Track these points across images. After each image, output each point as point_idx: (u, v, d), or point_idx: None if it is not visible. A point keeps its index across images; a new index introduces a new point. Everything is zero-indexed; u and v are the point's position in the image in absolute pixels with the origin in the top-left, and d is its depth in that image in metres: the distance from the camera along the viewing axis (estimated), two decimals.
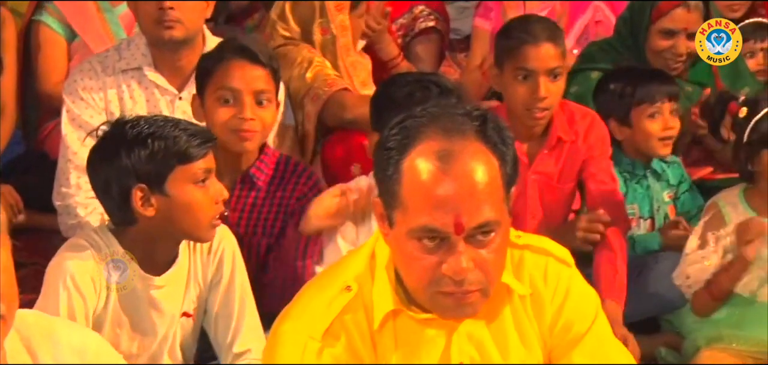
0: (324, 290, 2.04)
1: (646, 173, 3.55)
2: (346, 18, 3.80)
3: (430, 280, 1.91)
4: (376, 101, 3.10)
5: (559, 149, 3.36)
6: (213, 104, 3.05)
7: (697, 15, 3.66)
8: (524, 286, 2.06)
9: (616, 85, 3.51)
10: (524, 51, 3.23)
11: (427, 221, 1.87)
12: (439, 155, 1.88)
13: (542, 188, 3.38)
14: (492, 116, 1.95)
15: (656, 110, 3.48)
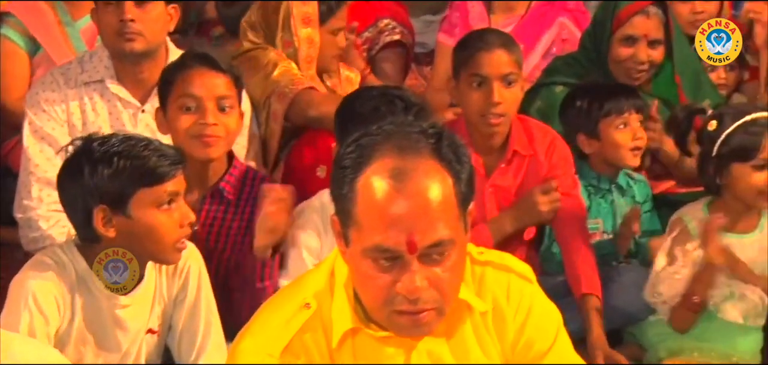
0: (283, 307, 2.03)
1: (611, 188, 3.56)
2: (315, 32, 3.79)
3: (384, 299, 1.91)
4: (340, 115, 3.10)
5: (516, 162, 3.38)
6: (175, 112, 3.04)
7: (656, 22, 3.69)
8: (485, 303, 2.06)
9: (583, 101, 3.53)
10: (478, 57, 3.27)
11: (381, 240, 1.87)
12: (393, 173, 1.87)
13: (500, 201, 3.40)
14: (448, 133, 1.94)
15: (624, 121, 3.49)
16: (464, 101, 3.34)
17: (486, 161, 3.38)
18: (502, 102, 3.25)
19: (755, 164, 3.08)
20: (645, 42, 3.68)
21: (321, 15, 3.78)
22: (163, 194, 2.59)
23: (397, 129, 1.93)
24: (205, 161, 3.06)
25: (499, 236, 3.35)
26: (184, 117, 3.03)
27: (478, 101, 3.28)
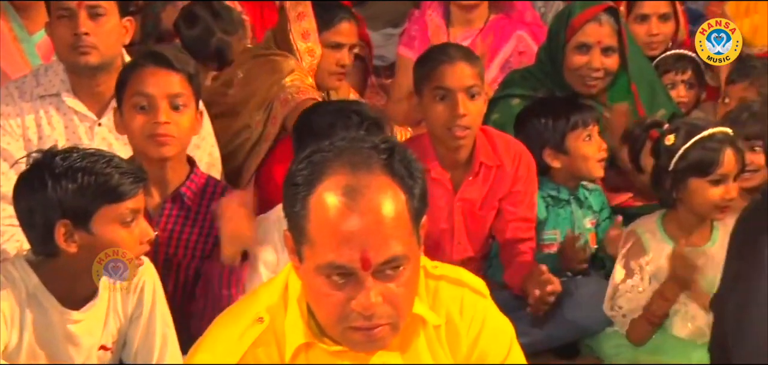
0: (236, 321, 2.03)
1: (570, 199, 3.58)
2: (316, 45, 3.80)
3: (339, 315, 1.91)
4: (297, 131, 3.10)
5: (483, 174, 3.39)
6: (130, 112, 3.03)
7: (609, 29, 3.74)
8: (439, 317, 2.06)
9: (547, 116, 3.55)
10: (441, 71, 3.28)
11: (334, 257, 1.87)
12: (345, 190, 1.87)
13: (467, 214, 3.42)
14: (400, 148, 1.95)
15: (589, 133, 3.53)
16: (429, 115, 3.34)
17: (453, 176, 3.39)
18: (467, 114, 3.26)
19: (712, 179, 3.11)
20: (598, 49, 3.73)
21: (318, 25, 3.82)
22: (126, 212, 2.59)
23: (348, 145, 1.93)
24: (160, 160, 3.04)
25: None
26: (138, 116, 3.02)
27: (443, 114, 3.28)
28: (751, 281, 2.41)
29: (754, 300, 2.39)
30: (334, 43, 3.83)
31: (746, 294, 2.42)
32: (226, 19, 4.03)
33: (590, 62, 3.73)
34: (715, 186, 3.11)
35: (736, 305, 2.45)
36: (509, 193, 3.42)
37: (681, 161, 3.14)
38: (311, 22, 3.79)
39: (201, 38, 3.98)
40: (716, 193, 3.11)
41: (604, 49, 3.73)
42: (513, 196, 3.42)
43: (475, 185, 3.39)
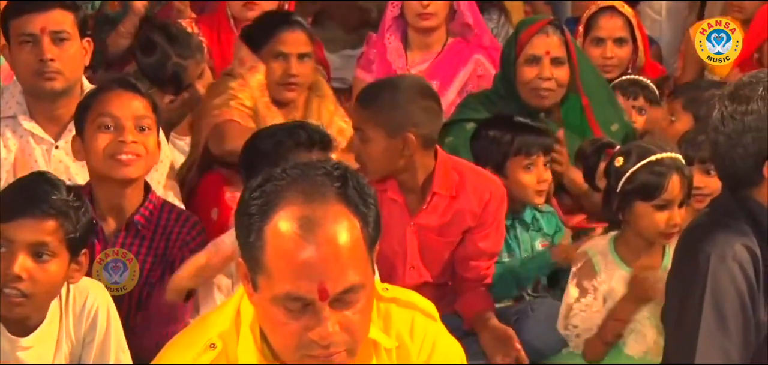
0: (188, 347, 2.02)
1: (514, 223, 3.60)
2: (263, 78, 3.78)
3: (296, 345, 1.91)
4: (245, 158, 3.11)
5: (437, 203, 3.40)
6: (92, 133, 3.03)
7: (556, 40, 3.81)
8: (391, 340, 2.07)
9: (495, 133, 3.58)
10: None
11: (292, 288, 1.87)
12: (301, 221, 1.87)
13: (422, 241, 3.42)
14: (353, 174, 1.95)
15: (532, 162, 3.56)
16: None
17: (409, 200, 3.41)
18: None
19: (657, 204, 3.13)
20: (548, 60, 3.79)
21: (262, 38, 3.79)
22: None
23: (301, 172, 1.93)
24: (122, 183, 3.04)
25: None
26: (102, 136, 3.01)
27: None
28: (687, 294, 2.45)
29: (689, 312, 2.43)
30: (277, 52, 3.74)
31: (682, 306, 2.46)
32: (182, 44, 4.04)
33: (541, 73, 3.79)
34: (660, 211, 3.13)
35: (675, 319, 2.49)
36: (476, 226, 3.43)
37: (628, 183, 3.15)
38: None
39: (157, 63, 3.99)
40: (661, 218, 3.12)
41: (553, 59, 3.79)
42: (480, 230, 3.44)
43: (429, 212, 3.41)
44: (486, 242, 3.45)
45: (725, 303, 2.40)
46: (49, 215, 2.58)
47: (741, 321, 2.41)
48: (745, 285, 2.41)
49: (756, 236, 2.45)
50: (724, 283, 2.39)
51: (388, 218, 3.32)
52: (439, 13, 4.24)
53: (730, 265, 2.41)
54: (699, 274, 2.42)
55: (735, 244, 2.42)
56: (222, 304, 2.13)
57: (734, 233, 2.44)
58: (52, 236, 2.59)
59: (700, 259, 2.43)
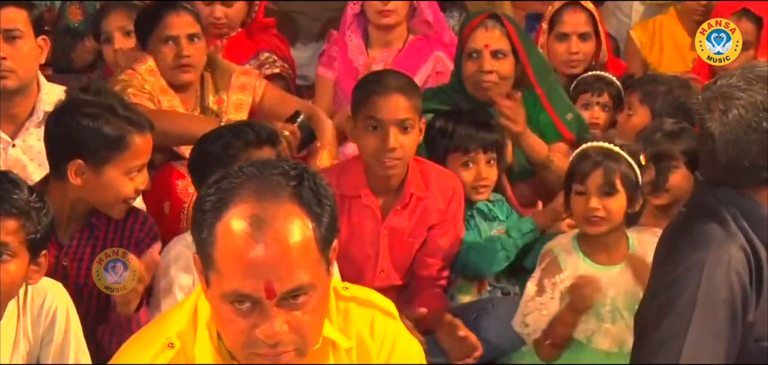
0: (147, 347, 2.02)
1: (473, 213, 3.61)
2: (152, 64, 3.77)
3: (244, 343, 1.91)
4: (194, 163, 3.09)
5: (412, 205, 3.41)
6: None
7: (496, 34, 3.83)
8: (349, 339, 2.07)
9: (441, 126, 3.60)
10: (374, 101, 3.29)
11: (239, 286, 1.87)
12: (252, 219, 1.87)
13: (392, 242, 3.43)
14: (310, 175, 1.94)
15: (470, 159, 3.57)
16: (360, 142, 3.36)
17: (383, 203, 3.41)
18: (398, 147, 3.28)
19: (578, 190, 3.14)
20: (488, 53, 3.81)
21: (149, 27, 3.79)
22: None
23: (257, 171, 1.93)
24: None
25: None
26: None
27: (373, 143, 3.30)
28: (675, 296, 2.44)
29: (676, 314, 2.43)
30: (166, 37, 3.72)
31: (668, 308, 2.46)
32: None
33: (481, 66, 3.81)
34: (580, 196, 3.13)
35: (658, 320, 2.48)
36: (438, 224, 3.45)
37: (568, 174, 3.19)
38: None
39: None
40: (580, 203, 3.13)
41: (494, 52, 3.81)
42: (441, 227, 3.46)
43: (403, 214, 3.42)
44: (445, 239, 3.47)
45: (718, 308, 2.38)
46: (11, 215, 2.56)
47: (731, 326, 2.40)
48: (739, 289, 2.39)
49: (747, 236, 2.42)
50: (719, 287, 2.37)
51: (361, 224, 3.35)
52: (399, 10, 4.25)
53: (725, 270, 2.38)
54: (691, 277, 2.40)
55: (731, 248, 2.40)
56: (180, 303, 2.14)
57: (729, 236, 2.41)
58: (13, 236, 2.56)
59: (692, 262, 2.41)
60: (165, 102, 3.68)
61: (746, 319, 2.41)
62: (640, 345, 2.54)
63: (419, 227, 3.44)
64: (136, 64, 3.72)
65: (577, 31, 4.31)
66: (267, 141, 3.05)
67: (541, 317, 3.16)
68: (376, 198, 3.40)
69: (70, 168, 2.96)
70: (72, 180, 2.96)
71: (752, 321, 2.42)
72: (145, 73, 3.69)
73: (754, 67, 2.42)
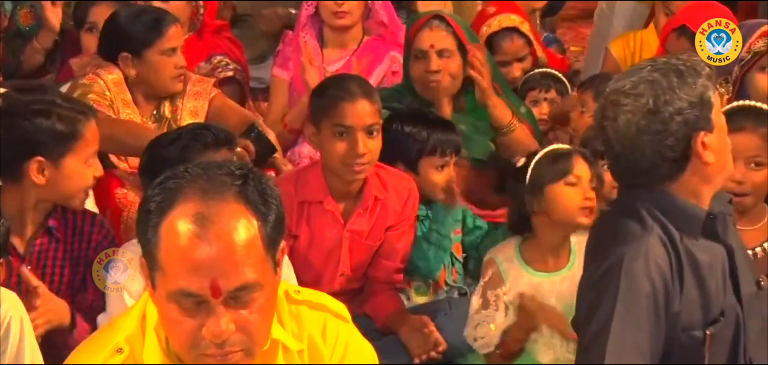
0: (95, 352, 2.00)
1: (427, 213, 3.61)
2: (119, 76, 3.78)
3: (191, 343, 1.90)
4: (148, 167, 3.06)
5: (372, 208, 3.41)
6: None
7: (442, 33, 3.87)
8: (300, 342, 2.06)
9: (410, 130, 3.59)
10: (341, 108, 3.28)
11: (184, 285, 1.86)
12: (196, 218, 1.87)
13: (353, 246, 3.43)
14: (255, 175, 1.94)
15: (444, 163, 3.58)
16: (326, 149, 3.33)
17: (343, 207, 3.41)
18: (367, 153, 3.28)
19: (568, 182, 3.14)
20: (433, 53, 3.84)
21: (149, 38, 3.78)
22: None
23: (202, 172, 1.92)
24: None
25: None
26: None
27: (341, 150, 3.28)
28: (599, 294, 2.45)
29: (602, 311, 2.44)
30: (168, 49, 3.75)
31: (595, 306, 2.47)
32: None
33: (427, 66, 3.84)
34: (573, 188, 3.14)
35: (586, 320, 2.50)
36: (395, 225, 3.45)
37: (534, 174, 3.17)
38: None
39: None
40: (576, 195, 3.14)
41: (440, 52, 3.84)
42: (397, 228, 3.46)
43: (364, 217, 3.42)
44: (401, 242, 3.47)
45: (640, 300, 2.40)
46: None
47: (654, 318, 2.42)
48: (660, 281, 2.42)
49: (664, 228, 2.45)
50: (639, 281, 2.40)
51: (321, 229, 3.34)
52: (353, 11, 4.24)
53: (644, 262, 2.41)
54: (611, 273, 2.42)
55: (648, 241, 2.43)
56: (129, 308, 2.12)
57: (646, 231, 2.44)
58: None
59: (612, 258, 2.44)
60: (124, 115, 3.71)
61: (671, 310, 2.44)
62: (578, 344, 2.56)
63: (377, 230, 3.44)
64: (104, 72, 3.73)
65: (516, 56, 4.39)
66: (225, 143, 3.03)
67: (489, 331, 3.16)
68: (338, 203, 3.39)
69: (30, 168, 2.96)
70: (35, 179, 2.97)
71: (677, 311, 2.45)
72: (110, 83, 3.71)
73: (641, 69, 2.44)
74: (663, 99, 2.38)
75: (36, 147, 2.97)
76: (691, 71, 2.41)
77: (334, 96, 3.31)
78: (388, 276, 3.48)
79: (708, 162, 2.44)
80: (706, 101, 2.41)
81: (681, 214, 2.46)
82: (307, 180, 3.40)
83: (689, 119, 2.39)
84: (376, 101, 3.35)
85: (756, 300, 2.59)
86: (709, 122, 2.42)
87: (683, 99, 2.39)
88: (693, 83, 2.40)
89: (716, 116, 2.44)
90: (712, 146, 2.43)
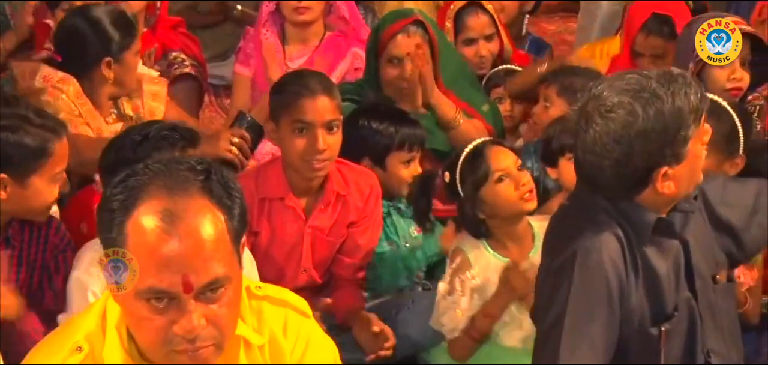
0: (55, 351, 1.99)
1: (390, 210, 3.62)
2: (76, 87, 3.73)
3: (162, 340, 1.89)
4: (112, 167, 3.00)
5: (334, 203, 3.40)
6: None
7: (418, 39, 3.85)
8: (262, 336, 2.06)
9: (378, 126, 3.58)
10: (301, 104, 3.27)
11: (155, 282, 1.86)
12: (163, 214, 1.86)
13: (315, 242, 3.42)
14: (217, 169, 1.94)
15: (411, 158, 3.58)
16: (286, 145, 3.33)
17: (305, 203, 3.40)
18: (327, 149, 3.27)
19: (495, 180, 3.15)
20: (409, 60, 3.82)
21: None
22: None
23: (164, 168, 1.92)
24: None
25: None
26: None
27: (301, 146, 3.27)
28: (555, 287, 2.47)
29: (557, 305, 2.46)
30: (138, 49, 3.79)
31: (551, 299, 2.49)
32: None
33: (402, 73, 3.84)
34: (502, 183, 3.15)
35: (543, 312, 2.51)
36: (357, 221, 3.45)
37: (463, 183, 3.19)
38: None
39: None
40: (509, 188, 3.14)
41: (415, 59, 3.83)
42: (360, 225, 3.46)
43: (326, 212, 3.41)
44: (364, 238, 3.47)
45: (592, 295, 2.43)
46: None
47: (607, 312, 2.44)
48: (614, 276, 2.44)
49: (620, 224, 2.47)
50: (593, 275, 2.42)
51: (283, 225, 3.34)
52: (314, 8, 4.22)
53: (598, 257, 2.43)
54: (566, 267, 2.45)
55: (603, 236, 2.45)
56: (88, 307, 2.11)
57: (601, 226, 2.46)
58: None
59: (567, 252, 2.46)
60: (91, 123, 3.66)
61: (626, 305, 2.46)
62: (536, 335, 2.59)
63: (339, 226, 3.43)
64: (62, 84, 3.65)
65: (482, 34, 4.38)
66: (189, 141, 3.01)
67: (455, 316, 3.17)
68: (299, 199, 3.38)
69: None
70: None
71: (632, 308, 2.47)
72: (73, 97, 3.65)
73: (628, 91, 2.39)
74: (635, 130, 2.37)
75: (1, 164, 2.91)
76: (676, 111, 2.37)
77: (294, 92, 3.30)
78: (351, 273, 3.48)
79: (664, 193, 2.45)
80: (682, 138, 2.39)
81: (632, 220, 2.48)
82: (268, 176, 3.39)
83: (655, 154, 2.39)
84: (336, 97, 3.34)
85: (712, 294, 2.61)
86: (678, 157, 2.41)
87: (654, 136, 2.37)
88: (674, 123, 2.38)
89: (693, 145, 2.43)
90: (675, 177, 2.44)
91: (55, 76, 3.66)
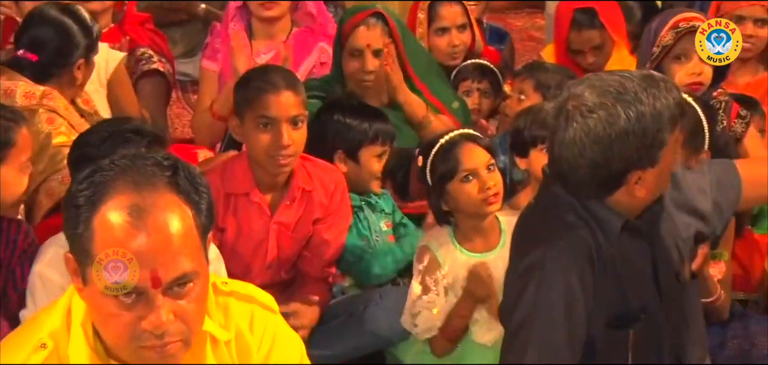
0: (17, 349, 1.97)
1: (362, 205, 3.62)
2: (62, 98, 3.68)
3: (130, 336, 1.89)
4: (75, 159, 3.01)
5: (299, 199, 3.40)
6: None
7: (378, 31, 3.87)
8: (228, 332, 2.06)
9: (351, 120, 3.59)
10: (265, 99, 3.26)
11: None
12: (131, 210, 1.86)
13: (280, 238, 3.41)
14: (183, 164, 1.94)
15: (383, 151, 3.60)
16: (251, 141, 3.31)
17: (270, 199, 3.39)
18: (291, 144, 3.26)
19: (462, 177, 3.15)
20: (369, 52, 3.85)
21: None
22: None
23: (131, 163, 1.91)
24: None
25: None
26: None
27: (266, 142, 3.26)
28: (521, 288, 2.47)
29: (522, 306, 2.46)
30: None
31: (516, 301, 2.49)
32: None
33: (363, 66, 3.85)
34: (468, 183, 3.15)
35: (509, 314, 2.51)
36: (322, 218, 3.44)
37: (432, 175, 3.19)
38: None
39: None
40: (473, 189, 3.15)
41: (376, 52, 3.86)
42: (326, 221, 3.45)
43: (291, 208, 3.40)
44: (330, 233, 3.46)
45: (559, 298, 2.42)
46: None
47: (573, 316, 2.44)
48: (580, 278, 2.44)
49: (588, 225, 2.47)
50: (559, 277, 2.42)
51: (248, 221, 3.33)
52: (281, 3, 4.22)
53: (565, 260, 2.43)
54: (533, 270, 2.45)
55: (570, 237, 2.45)
56: (52, 303, 2.08)
57: (569, 227, 2.46)
58: None
59: (534, 255, 2.46)
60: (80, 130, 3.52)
61: (593, 307, 2.46)
62: (504, 336, 2.59)
63: (305, 222, 3.43)
64: (50, 101, 3.49)
65: (455, 24, 4.39)
66: (157, 140, 2.98)
67: (431, 317, 3.17)
68: (264, 195, 3.37)
69: None
70: None
71: (599, 309, 2.47)
72: (64, 113, 3.54)
73: (609, 92, 2.39)
74: (615, 131, 2.36)
75: None
76: (656, 115, 2.37)
77: (258, 87, 3.29)
78: (318, 271, 3.47)
79: (637, 196, 2.45)
80: (659, 141, 2.39)
81: (600, 221, 2.48)
82: (234, 172, 3.38)
83: (632, 157, 2.39)
84: (301, 92, 3.33)
85: (678, 292, 2.62)
86: (653, 161, 2.41)
87: (633, 139, 2.36)
88: (653, 127, 2.37)
89: (668, 151, 2.43)
90: (647, 181, 2.44)
91: (36, 92, 3.50)
